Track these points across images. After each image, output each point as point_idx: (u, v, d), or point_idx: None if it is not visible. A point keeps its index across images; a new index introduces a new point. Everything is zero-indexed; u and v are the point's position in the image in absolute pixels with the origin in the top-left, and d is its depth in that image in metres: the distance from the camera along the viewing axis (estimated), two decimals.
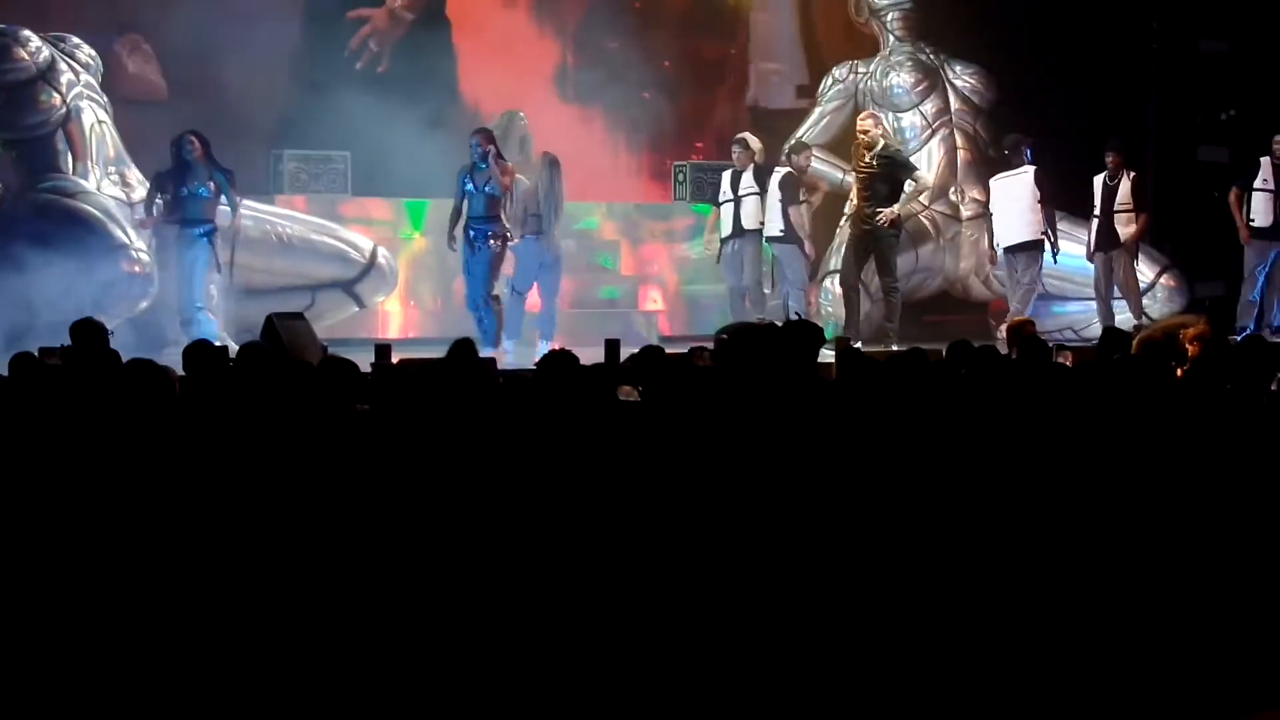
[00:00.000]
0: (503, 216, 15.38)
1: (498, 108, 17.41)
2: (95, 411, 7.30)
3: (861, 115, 17.34)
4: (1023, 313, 16.01)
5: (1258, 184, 17.31)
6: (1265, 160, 17.35)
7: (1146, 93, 20.41)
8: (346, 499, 6.49)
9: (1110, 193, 17.20)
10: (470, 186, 15.35)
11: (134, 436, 7.11)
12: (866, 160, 16.50)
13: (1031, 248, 16.97)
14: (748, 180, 16.62)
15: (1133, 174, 17.26)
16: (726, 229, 16.78)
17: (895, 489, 6.74)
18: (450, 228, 15.47)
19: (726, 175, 16.95)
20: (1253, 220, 17.25)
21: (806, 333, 10.60)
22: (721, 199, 16.91)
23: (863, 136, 16.62)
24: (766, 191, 16.58)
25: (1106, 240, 17.17)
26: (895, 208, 16.36)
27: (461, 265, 15.56)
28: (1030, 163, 17.18)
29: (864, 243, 16.50)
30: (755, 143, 16.96)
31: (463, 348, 9.62)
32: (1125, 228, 17.14)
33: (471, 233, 15.33)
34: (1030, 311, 16.39)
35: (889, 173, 16.50)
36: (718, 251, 16.91)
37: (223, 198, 15.13)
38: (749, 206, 16.59)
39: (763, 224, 16.58)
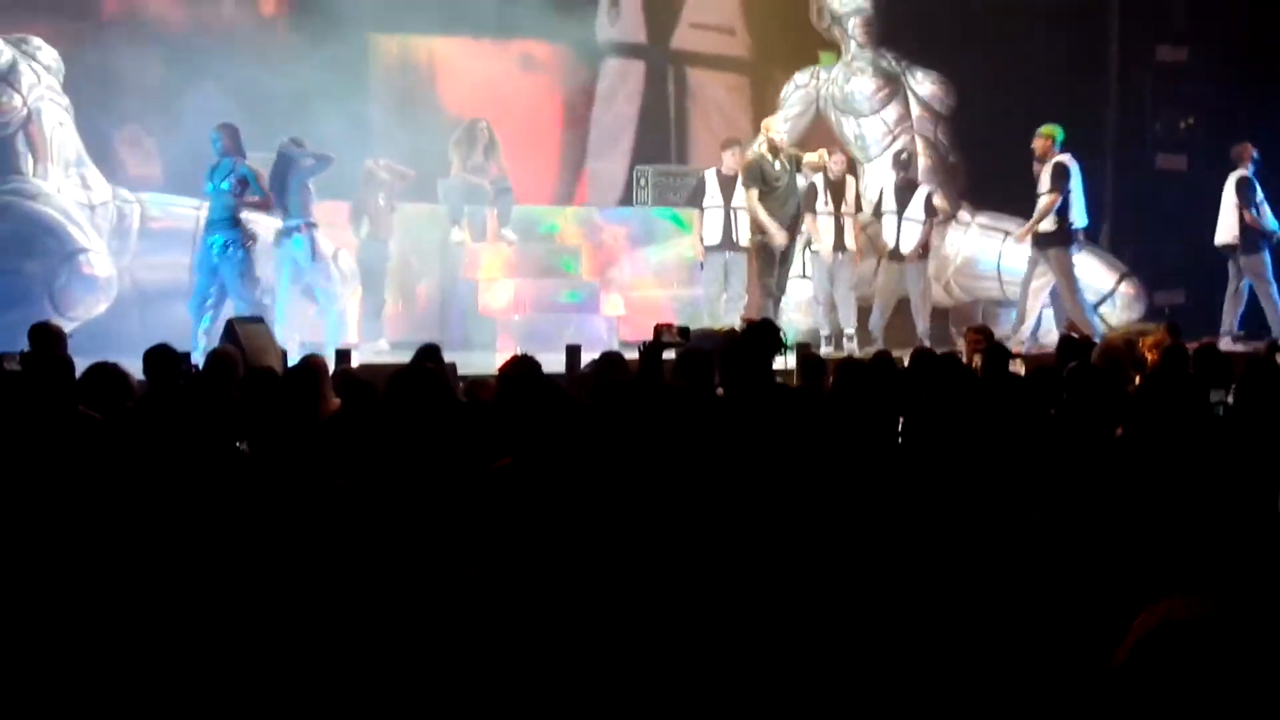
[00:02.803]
0: (242, 219, 14.66)
1: (468, 111, 17.51)
2: (51, 416, 7.28)
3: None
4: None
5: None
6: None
7: (1105, 100, 20.50)
8: (309, 504, 6.48)
9: None
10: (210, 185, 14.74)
11: (88, 440, 7.10)
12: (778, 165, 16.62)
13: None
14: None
15: None
16: (716, 238, 16.77)
17: (854, 495, 6.76)
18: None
19: (713, 180, 16.92)
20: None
21: (764, 336, 10.61)
22: (709, 204, 16.87)
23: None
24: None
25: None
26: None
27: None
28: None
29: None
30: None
31: (426, 354, 9.63)
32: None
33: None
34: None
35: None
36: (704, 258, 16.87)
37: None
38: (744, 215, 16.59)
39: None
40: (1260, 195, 17.38)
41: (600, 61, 20.14)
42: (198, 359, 11.83)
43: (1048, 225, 16.56)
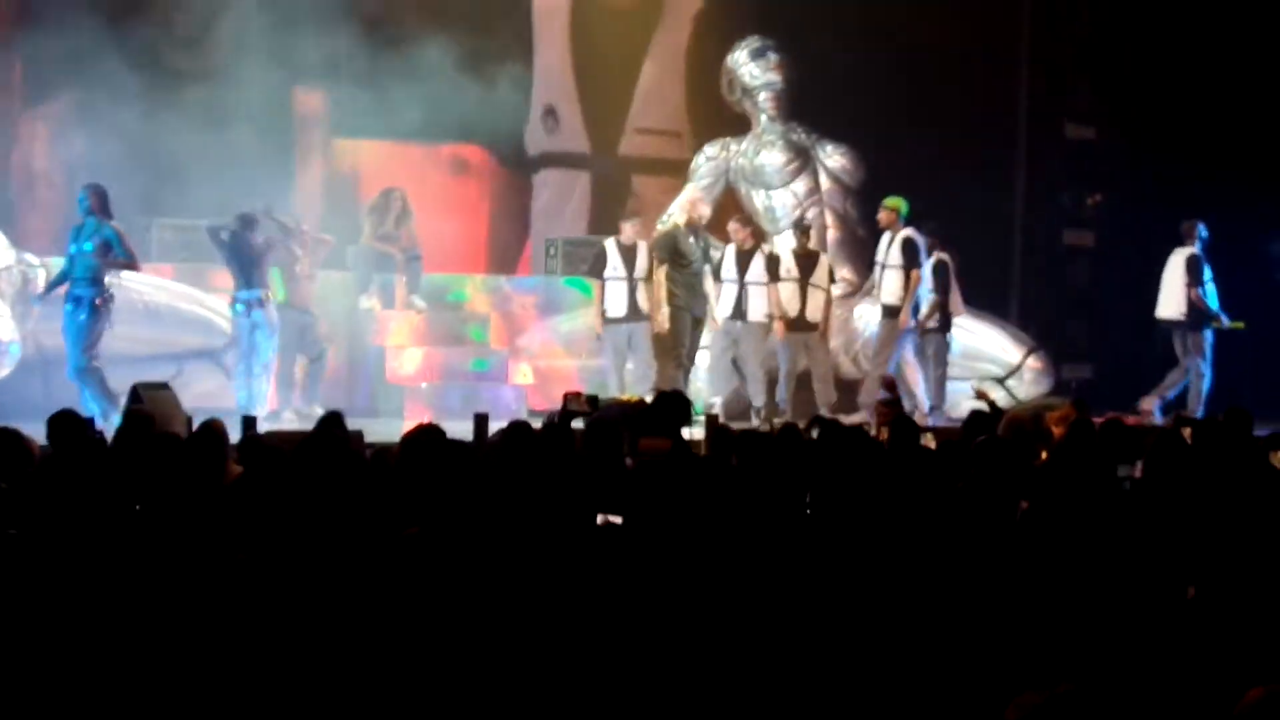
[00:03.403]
0: (104, 280, 14.50)
1: (374, 184, 17.49)
2: None
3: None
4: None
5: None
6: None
7: (1013, 176, 20.67)
8: (212, 573, 6.41)
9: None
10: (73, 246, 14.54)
11: None
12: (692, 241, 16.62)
13: None
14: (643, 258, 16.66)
15: (938, 257, 17.11)
16: (620, 309, 16.73)
17: (761, 565, 6.74)
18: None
19: (614, 250, 16.90)
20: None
21: (674, 407, 10.62)
22: (610, 275, 16.85)
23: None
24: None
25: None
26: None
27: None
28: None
29: None
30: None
31: (330, 422, 9.56)
32: (923, 310, 17.10)
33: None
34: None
35: None
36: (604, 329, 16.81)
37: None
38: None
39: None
40: (1208, 275, 17.46)
41: (535, 171, 20.28)
42: (100, 425, 11.75)
43: (889, 298, 16.83)
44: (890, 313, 16.94)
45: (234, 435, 9.61)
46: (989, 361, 18.39)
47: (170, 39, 17.01)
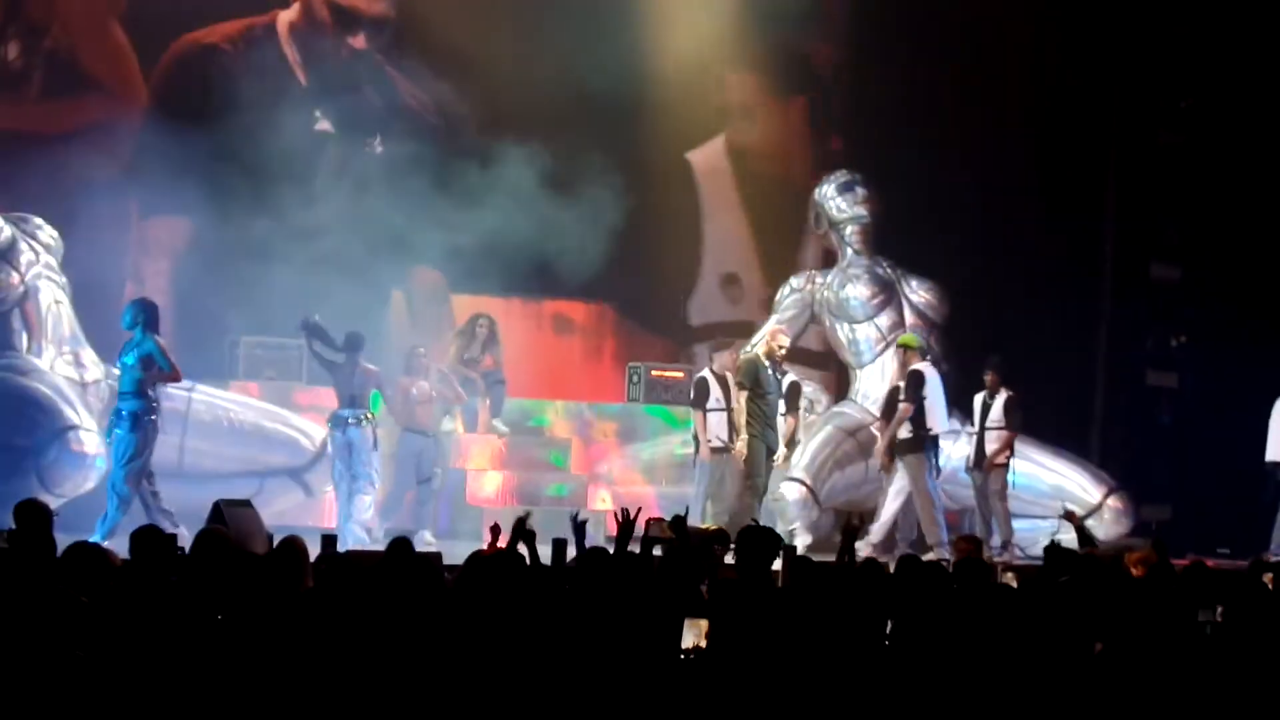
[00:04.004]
0: (149, 393, 14.41)
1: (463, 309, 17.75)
2: (35, 597, 7.23)
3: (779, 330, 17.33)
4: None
5: None
6: None
7: (1098, 315, 20.61)
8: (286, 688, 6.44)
9: (986, 411, 17.21)
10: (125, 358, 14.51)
11: (71, 622, 7.05)
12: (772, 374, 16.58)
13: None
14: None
15: (1009, 393, 17.14)
16: (724, 438, 16.53)
17: (835, 699, 6.72)
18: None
19: (713, 380, 16.80)
20: None
21: (762, 539, 10.56)
22: (712, 406, 16.73)
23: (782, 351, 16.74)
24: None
25: (980, 457, 17.17)
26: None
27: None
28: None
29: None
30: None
31: (398, 547, 9.56)
32: (991, 445, 17.15)
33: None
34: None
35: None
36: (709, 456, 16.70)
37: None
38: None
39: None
40: None
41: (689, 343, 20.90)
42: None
43: (904, 432, 16.74)
44: (906, 447, 16.92)
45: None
46: (1069, 501, 18.24)
47: (281, 189, 17.34)
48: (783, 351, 16.67)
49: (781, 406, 16.57)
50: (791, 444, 16.85)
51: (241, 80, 17.75)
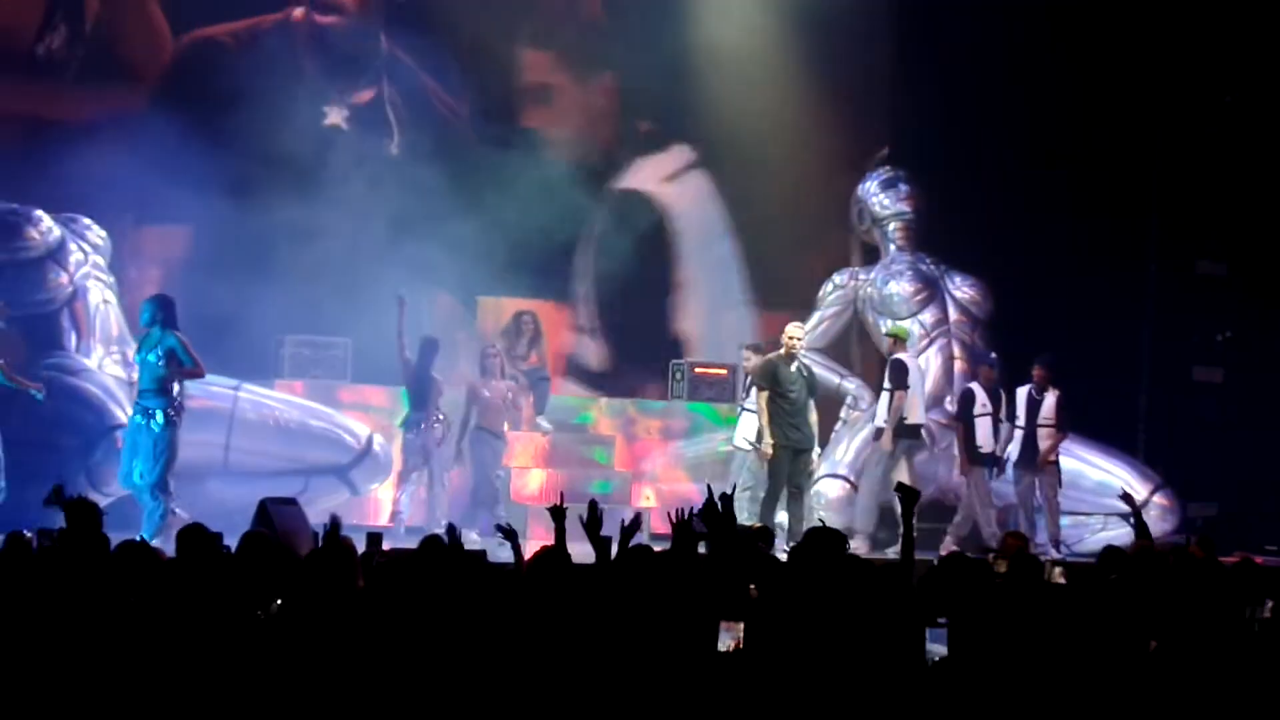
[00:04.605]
0: (173, 389, 14.42)
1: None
2: (85, 596, 7.28)
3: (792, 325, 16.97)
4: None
5: None
6: None
7: (1143, 311, 20.55)
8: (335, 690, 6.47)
9: (1034, 407, 17.21)
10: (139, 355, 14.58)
11: (122, 622, 7.09)
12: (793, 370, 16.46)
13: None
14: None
15: (1057, 391, 17.21)
16: (750, 438, 16.62)
17: (878, 698, 6.72)
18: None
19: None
20: None
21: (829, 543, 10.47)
22: (750, 407, 16.78)
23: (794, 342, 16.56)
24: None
25: (1030, 455, 17.18)
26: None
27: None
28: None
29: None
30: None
31: (432, 542, 9.56)
32: (1044, 443, 17.16)
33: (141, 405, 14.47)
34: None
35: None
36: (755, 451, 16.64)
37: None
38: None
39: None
40: None
41: None
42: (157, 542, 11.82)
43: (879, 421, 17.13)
44: (876, 434, 17.32)
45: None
46: (1114, 497, 18.21)
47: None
48: (794, 342, 16.43)
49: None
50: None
51: (271, 75, 17.73)
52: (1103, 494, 18.24)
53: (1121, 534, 16.92)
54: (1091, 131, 20.10)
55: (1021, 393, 17.26)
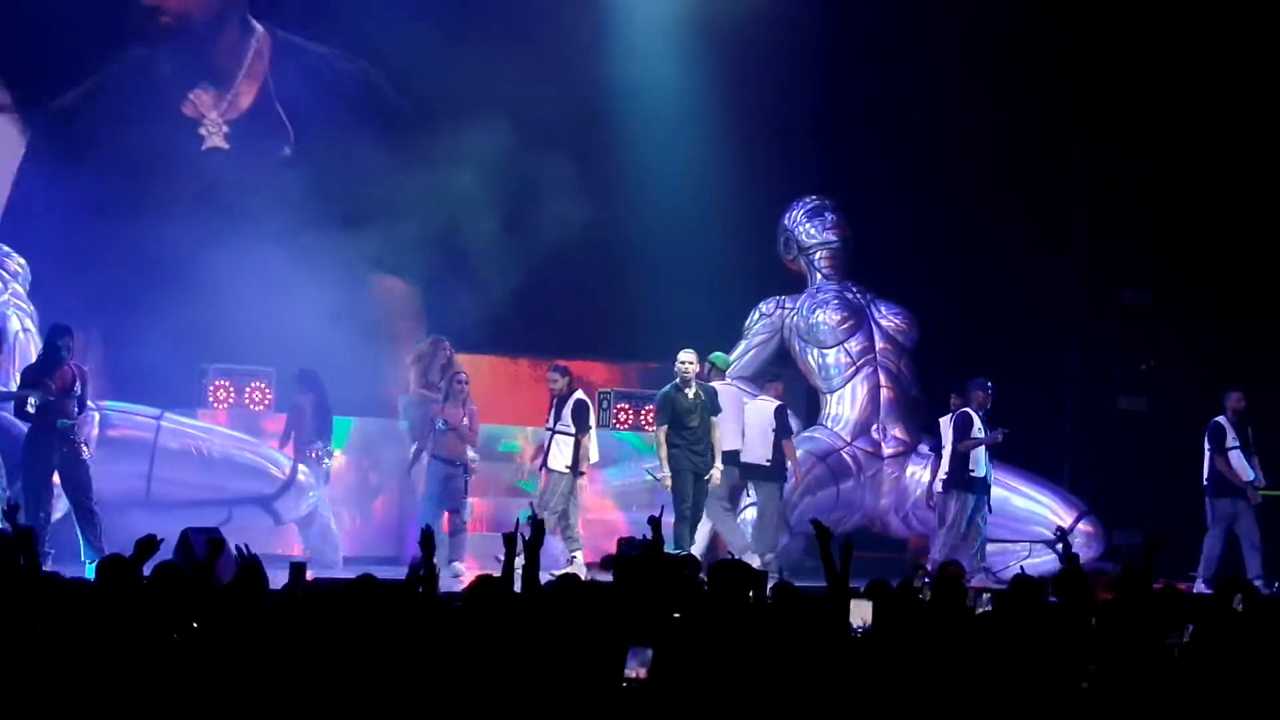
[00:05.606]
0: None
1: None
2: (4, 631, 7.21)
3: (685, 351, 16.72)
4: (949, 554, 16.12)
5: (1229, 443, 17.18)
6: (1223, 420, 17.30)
7: (1068, 340, 20.66)
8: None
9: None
10: None
11: (33, 652, 7.03)
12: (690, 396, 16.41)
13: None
14: None
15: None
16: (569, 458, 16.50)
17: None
18: None
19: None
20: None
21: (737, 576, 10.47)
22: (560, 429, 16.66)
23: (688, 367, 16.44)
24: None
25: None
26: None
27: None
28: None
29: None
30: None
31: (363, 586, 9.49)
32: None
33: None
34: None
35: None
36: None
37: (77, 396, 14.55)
38: None
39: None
40: (1230, 441, 17.16)
41: None
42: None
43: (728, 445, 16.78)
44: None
45: None
46: (1040, 525, 18.27)
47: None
48: (687, 367, 16.35)
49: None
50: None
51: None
52: (1030, 521, 18.30)
53: (1048, 560, 16.99)
54: (1017, 162, 20.22)
55: (945, 421, 17.24)
